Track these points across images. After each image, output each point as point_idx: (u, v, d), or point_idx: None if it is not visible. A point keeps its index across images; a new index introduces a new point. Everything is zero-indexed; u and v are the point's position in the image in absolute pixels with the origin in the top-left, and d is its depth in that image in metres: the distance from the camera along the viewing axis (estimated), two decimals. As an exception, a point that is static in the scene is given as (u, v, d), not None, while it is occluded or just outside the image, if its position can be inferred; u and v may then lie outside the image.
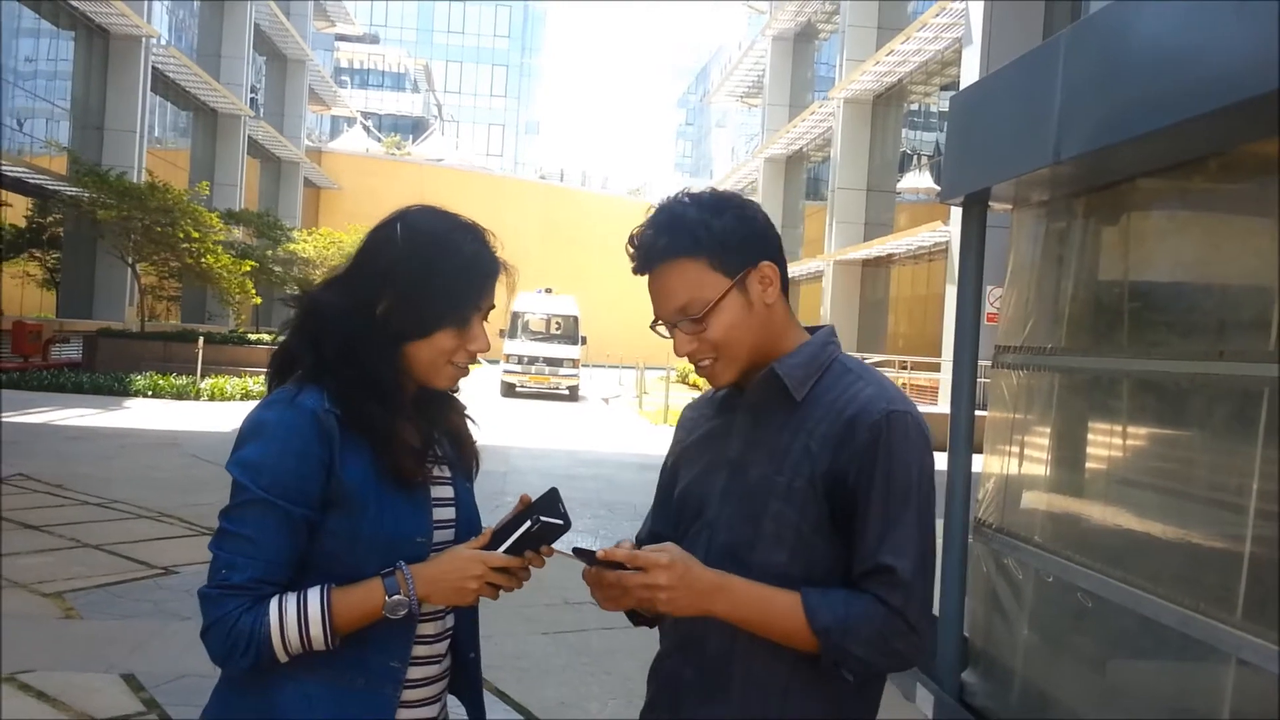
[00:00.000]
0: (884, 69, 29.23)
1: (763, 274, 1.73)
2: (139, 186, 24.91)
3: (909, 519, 1.65)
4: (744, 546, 1.68)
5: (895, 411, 1.67)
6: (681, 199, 1.76)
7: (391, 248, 1.74)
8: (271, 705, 1.67)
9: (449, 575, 1.66)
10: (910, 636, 1.62)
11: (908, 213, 29.74)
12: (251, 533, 1.63)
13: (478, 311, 1.76)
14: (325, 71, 54.47)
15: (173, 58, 32.96)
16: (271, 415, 1.68)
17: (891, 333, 30.68)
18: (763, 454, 1.71)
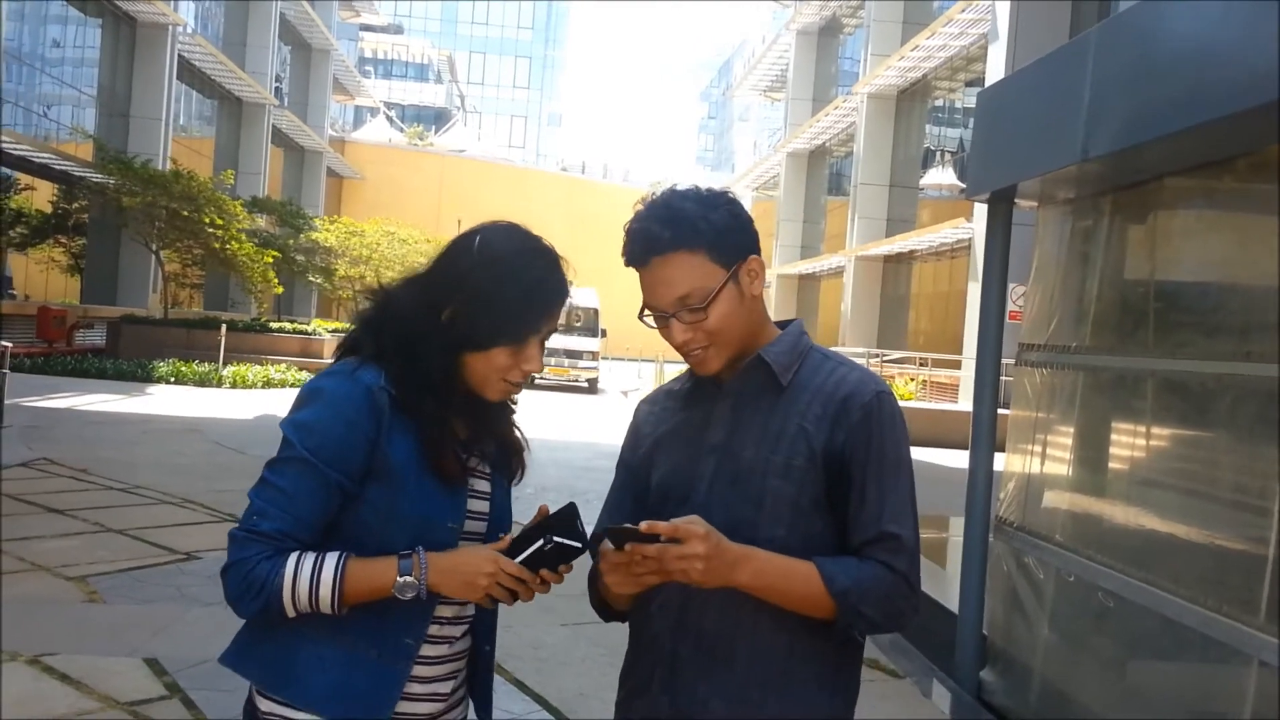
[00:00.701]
0: (909, 64, 29.08)
1: (751, 267, 1.83)
2: (164, 174, 25.09)
3: (903, 489, 1.79)
4: (746, 524, 1.75)
5: (883, 393, 1.81)
6: (676, 193, 1.83)
7: (466, 258, 1.81)
8: (285, 661, 1.75)
9: (461, 569, 1.71)
10: (912, 598, 1.77)
11: (930, 209, 29.60)
12: (288, 487, 1.71)
13: (536, 334, 1.82)
14: (349, 61, 54.62)
15: (199, 46, 33.12)
16: (329, 384, 1.77)
17: (912, 329, 30.55)
18: (751, 437, 1.81)
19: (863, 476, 1.77)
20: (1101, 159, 3.86)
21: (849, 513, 1.78)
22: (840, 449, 1.77)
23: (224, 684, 1.87)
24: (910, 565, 1.77)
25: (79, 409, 15.31)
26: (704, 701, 1.78)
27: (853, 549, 1.77)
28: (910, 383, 22.99)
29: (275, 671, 1.76)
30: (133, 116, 30.44)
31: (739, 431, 1.82)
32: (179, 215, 24.32)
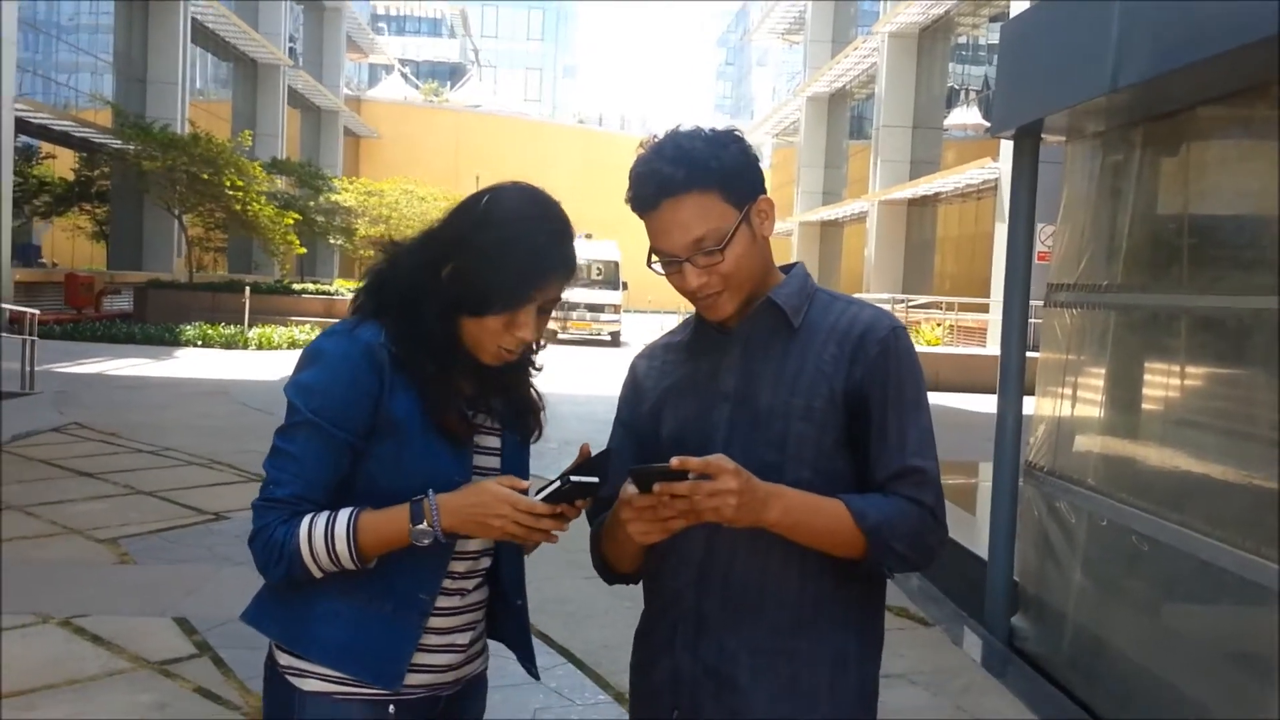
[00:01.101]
0: (930, 1, 28.56)
1: (761, 207, 1.79)
2: (182, 137, 25.09)
3: (923, 423, 1.77)
4: (771, 469, 1.70)
5: (898, 328, 1.79)
6: (683, 133, 1.77)
7: (469, 218, 1.79)
8: (301, 618, 1.77)
9: (474, 508, 1.69)
10: (939, 531, 1.75)
11: (955, 150, 29.24)
12: (297, 451, 1.73)
13: (531, 302, 1.77)
14: (362, 19, 54.27)
15: (211, 8, 32.92)
16: (329, 344, 1.77)
17: (938, 273, 30.31)
18: (766, 382, 1.77)
19: (883, 412, 1.75)
20: (1131, 89, 3.75)
21: (870, 450, 1.76)
22: (859, 386, 1.75)
23: (253, 642, 1.86)
24: (936, 499, 1.75)
25: (108, 374, 15.43)
26: (732, 655, 1.75)
27: (877, 485, 1.75)
28: (937, 328, 22.83)
29: (292, 627, 1.78)
30: (149, 82, 30.40)
31: (753, 377, 1.78)
32: (199, 179, 24.36)
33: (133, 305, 25.35)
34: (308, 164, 37.00)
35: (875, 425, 1.75)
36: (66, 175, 27.72)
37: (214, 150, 24.58)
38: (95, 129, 26.56)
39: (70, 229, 28.81)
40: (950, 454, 9.13)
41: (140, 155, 24.39)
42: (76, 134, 26.93)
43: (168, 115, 28.86)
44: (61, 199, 27.15)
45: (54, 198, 27.00)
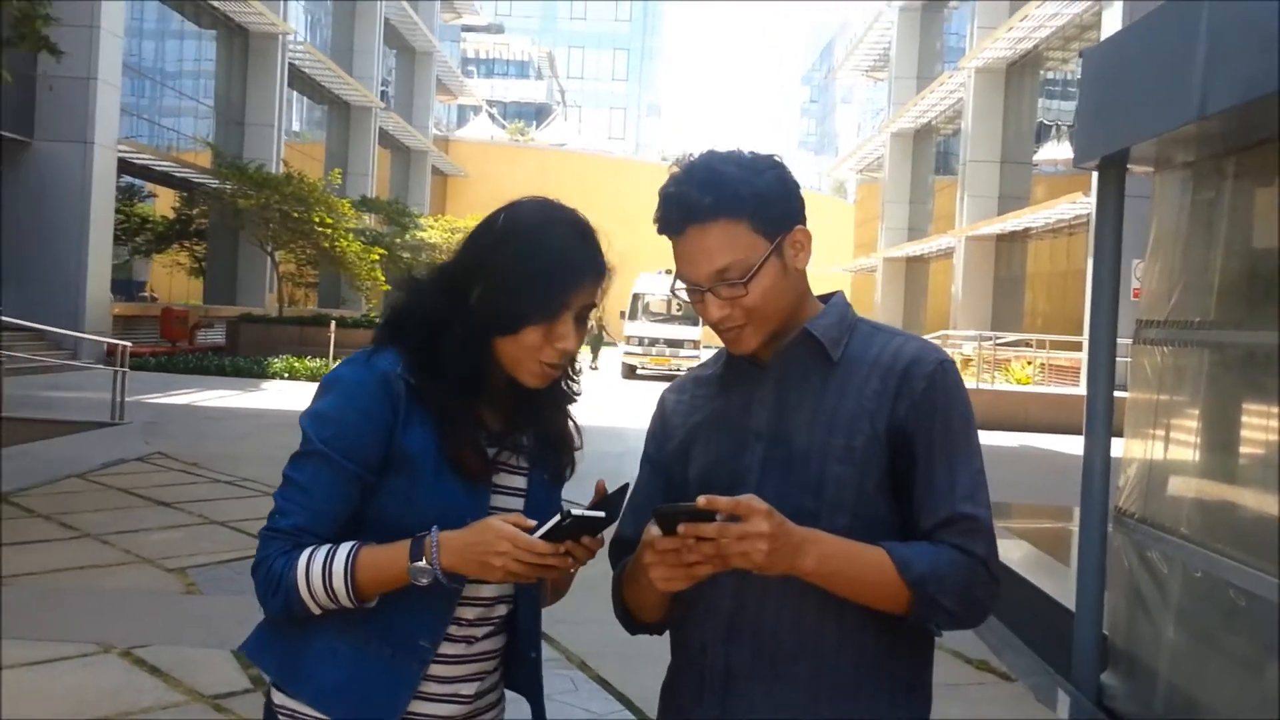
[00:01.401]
0: (1018, 35, 28.24)
1: (796, 238, 1.67)
2: (276, 176, 25.81)
3: (975, 465, 1.64)
4: (805, 515, 1.58)
5: (946, 361, 1.67)
6: (717, 155, 1.67)
7: (488, 236, 1.73)
8: (297, 653, 1.70)
9: (474, 546, 1.58)
10: (991, 585, 1.61)
11: (1045, 185, 28.72)
12: (305, 481, 1.67)
13: (567, 310, 1.69)
14: (452, 62, 55.46)
15: (308, 54, 33.99)
16: (345, 372, 1.72)
17: (1029, 311, 29.68)
18: (802, 420, 1.65)
19: (930, 453, 1.62)
20: (1221, 115, 3.55)
21: (916, 494, 1.62)
22: (904, 424, 1.62)
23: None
24: (989, 549, 1.61)
25: (196, 405, 15.77)
26: (763, 715, 1.62)
27: (923, 533, 1.61)
28: (1027, 366, 22.29)
29: (288, 664, 1.72)
30: (247, 124, 31.38)
31: (788, 414, 1.66)
32: (290, 216, 24.98)
33: (225, 339, 25.98)
34: (395, 202, 37.78)
35: (921, 467, 1.62)
36: (168, 214, 28.69)
37: (305, 189, 25.22)
38: (194, 169, 27.47)
39: (170, 265, 29.79)
40: (1040, 497, 8.84)
41: (236, 194, 25.12)
42: (177, 174, 27.90)
43: (264, 156, 29.74)
44: (162, 236, 28.14)
45: (155, 235, 27.97)
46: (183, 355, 22.67)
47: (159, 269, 29.97)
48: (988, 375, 19.99)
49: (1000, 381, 20.64)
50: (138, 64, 26.47)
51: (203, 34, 30.05)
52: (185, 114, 30.00)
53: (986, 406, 17.96)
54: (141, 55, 27.01)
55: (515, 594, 1.79)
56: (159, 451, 10.67)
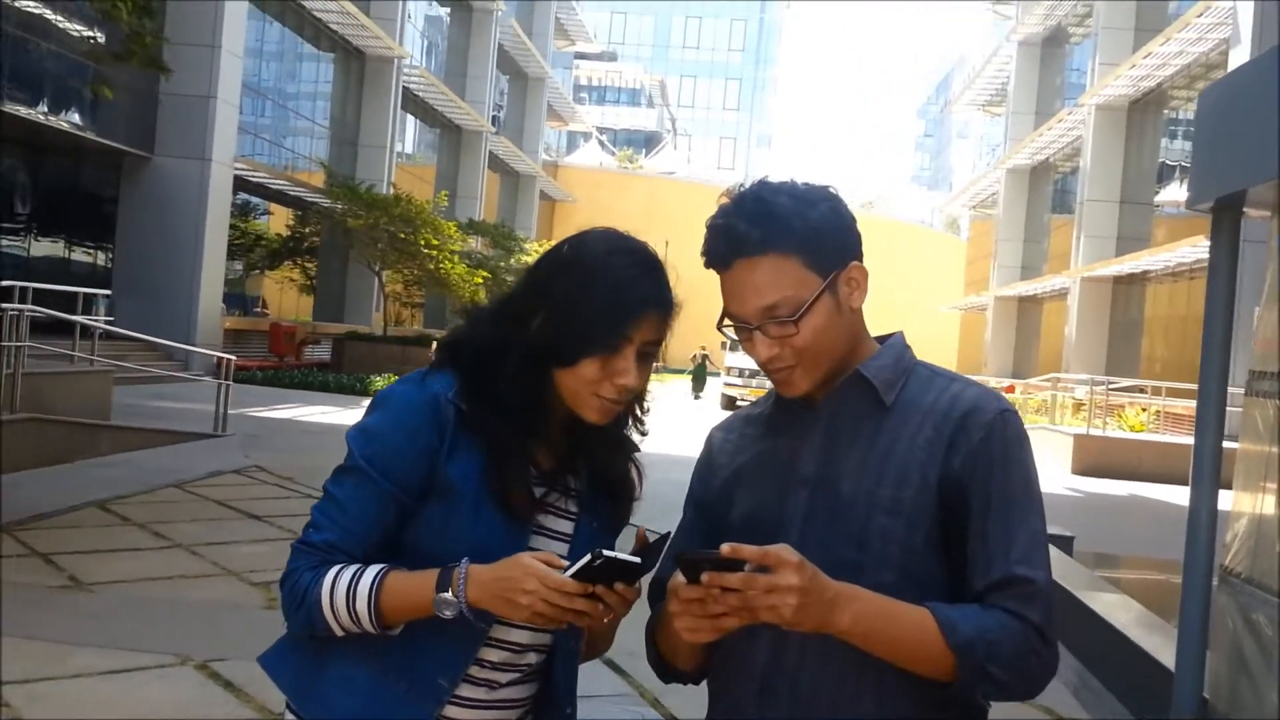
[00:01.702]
0: (1141, 73, 27.49)
1: (852, 275, 1.59)
2: (385, 197, 26.40)
3: (1034, 524, 1.53)
4: (848, 568, 1.48)
5: (1008, 411, 1.56)
6: (768, 186, 1.59)
7: (550, 266, 1.68)
8: (313, 674, 1.65)
9: (502, 581, 1.51)
10: (1046, 655, 1.49)
11: (1166, 227, 27.82)
12: (342, 497, 1.63)
13: (627, 343, 1.61)
14: (564, 89, 56.29)
15: (422, 78, 34.80)
16: (397, 390, 1.68)
17: (1146, 355, 28.72)
18: (851, 467, 1.56)
19: (985, 509, 1.51)
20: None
21: (969, 552, 1.52)
22: (958, 477, 1.52)
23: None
24: (1045, 615, 1.49)
25: (297, 419, 16.11)
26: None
27: (974, 595, 1.50)
28: (1142, 413, 21.51)
29: (302, 683, 1.67)
30: (361, 145, 32.22)
31: (836, 460, 1.57)
32: (397, 237, 25.50)
33: (331, 355, 26.59)
34: (501, 225, 38.36)
35: (975, 524, 1.51)
36: (282, 231, 29.58)
37: (412, 210, 25.73)
38: (308, 188, 28.27)
39: (282, 281, 30.67)
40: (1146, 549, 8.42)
41: (346, 214, 25.75)
42: (291, 192, 28.75)
43: (375, 177, 30.48)
44: (275, 253, 28.99)
45: (269, 252, 28.85)
46: (289, 370, 23.25)
47: (271, 285, 30.87)
48: (1099, 421, 19.36)
49: (1113, 428, 19.98)
50: (257, 84, 27.36)
51: (321, 56, 31.00)
52: (301, 134, 30.94)
53: (1097, 453, 17.43)
54: (261, 76, 27.93)
55: (552, 644, 1.70)
56: (256, 465, 10.89)
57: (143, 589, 6.05)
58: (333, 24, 29.57)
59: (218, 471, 10.19)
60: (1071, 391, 23.53)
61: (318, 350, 27.88)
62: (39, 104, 18.92)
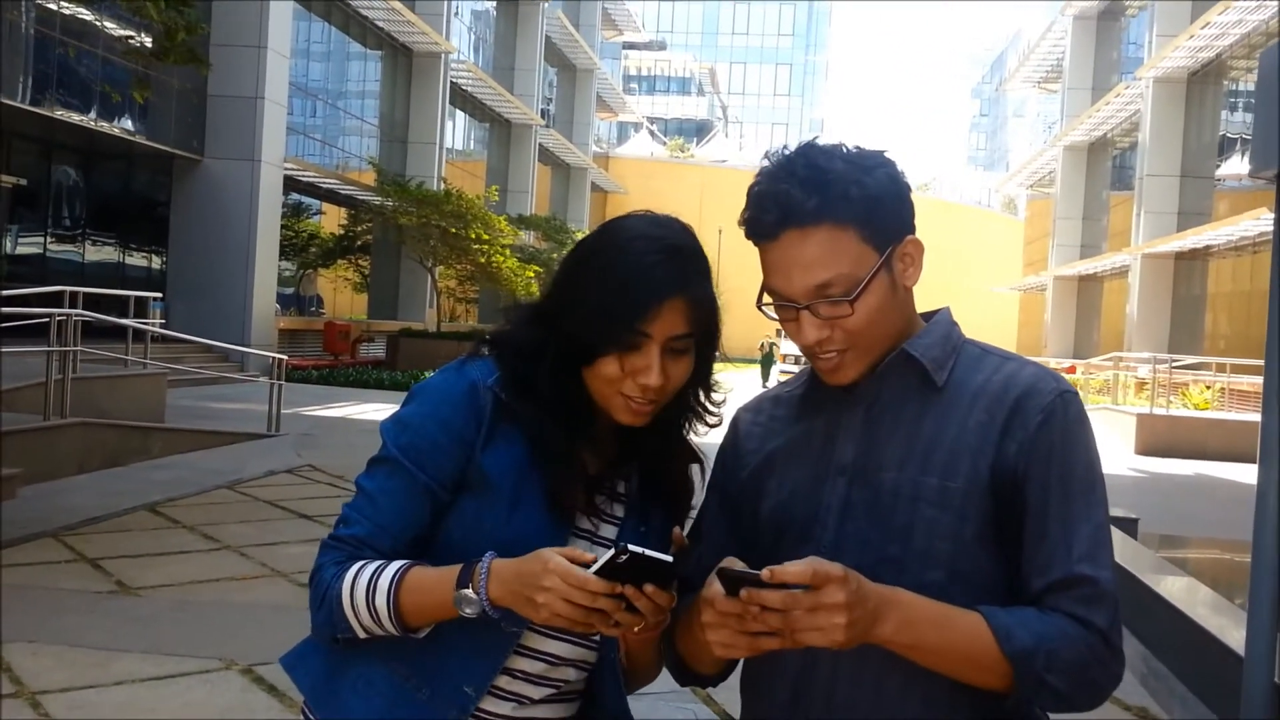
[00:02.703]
0: (1200, 44, 26.79)
1: (907, 250, 1.45)
2: (436, 193, 26.51)
3: (1098, 518, 1.38)
4: (889, 566, 1.37)
5: (1068, 393, 1.41)
6: (819, 149, 1.43)
7: (576, 256, 1.58)
8: (334, 675, 1.56)
9: (523, 577, 1.37)
10: (1113, 664, 1.36)
11: (1228, 200, 27.14)
12: (374, 489, 1.53)
13: (646, 339, 1.47)
14: (613, 80, 56.21)
15: (469, 72, 34.92)
16: (434, 380, 1.59)
17: (1209, 333, 28.05)
18: (894, 454, 1.42)
19: (1044, 501, 1.37)
20: None
21: (1026, 550, 1.38)
22: (1013, 466, 1.38)
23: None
24: (1110, 619, 1.35)
25: (351, 418, 16.19)
26: None
27: (1032, 596, 1.37)
28: (1206, 391, 21.00)
29: (321, 685, 1.58)
30: (410, 142, 32.42)
31: (877, 446, 1.43)
32: (448, 233, 25.58)
33: (385, 353, 26.76)
34: (553, 218, 38.38)
35: (1033, 518, 1.37)
36: (335, 230, 29.85)
37: (463, 205, 25.79)
38: (358, 187, 28.47)
39: (335, 279, 30.94)
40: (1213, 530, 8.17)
41: (397, 211, 25.87)
42: (342, 191, 29.00)
43: (425, 173, 30.66)
44: (328, 252, 29.25)
45: (322, 251, 29.11)
46: (343, 369, 23.43)
47: (325, 284, 31.17)
48: (1163, 400, 18.92)
49: (1177, 406, 19.52)
50: (305, 84, 27.62)
51: (368, 54, 31.22)
52: (351, 132, 31.20)
53: (1161, 432, 17.08)
54: (309, 75, 28.18)
55: (598, 661, 1.58)
56: (309, 464, 10.93)
57: (190, 592, 6.05)
58: (379, 21, 29.73)
59: (270, 472, 10.23)
60: (1134, 370, 23.07)
61: (372, 348, 28.11)
62: (90, 110, 19.22)
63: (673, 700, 4.58)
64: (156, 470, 9.88)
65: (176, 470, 9.84)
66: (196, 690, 4.57)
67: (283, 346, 21.14)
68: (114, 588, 5.97)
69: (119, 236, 22.55)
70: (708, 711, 4.58)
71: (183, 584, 6.17)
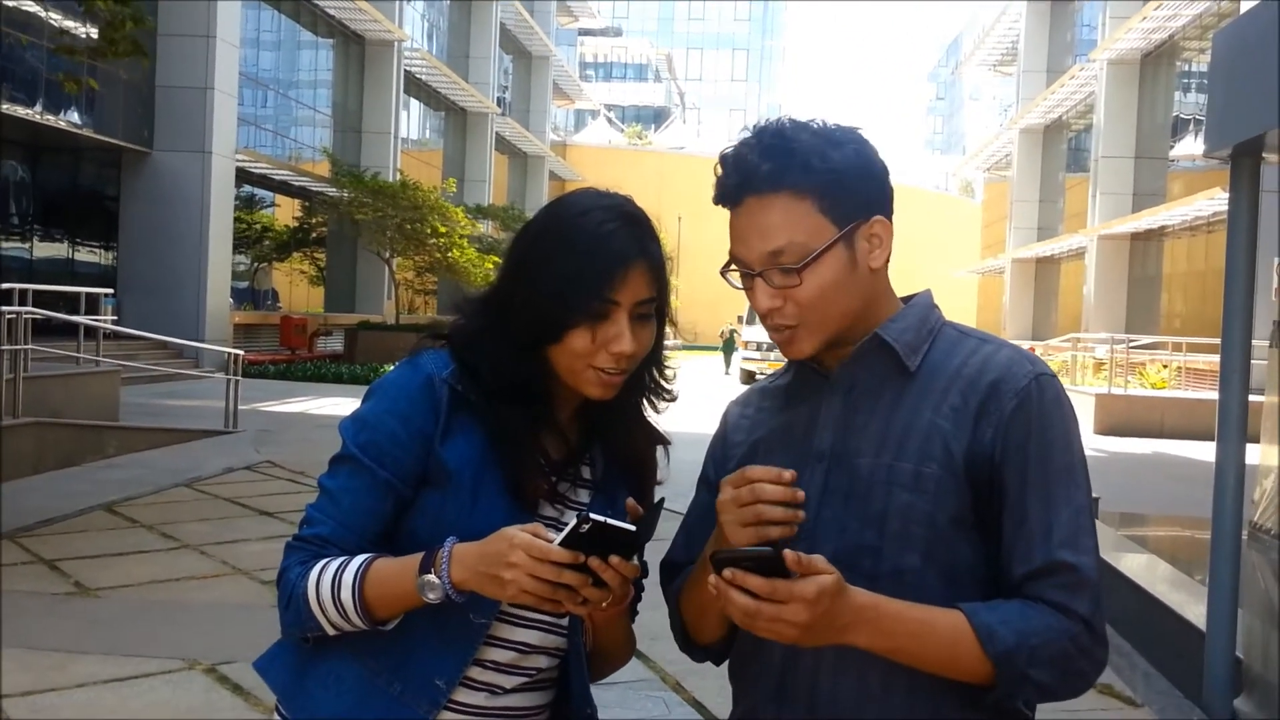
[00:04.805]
0: (1152, 25, 27.18)
1: (873, 230, 1.44)
2: (391, 185, 26.32)
3: (1078, 502, 1.37)
4: (866, 553, 1.38)
5: (1044, 374, 1.40)
6: (790, 121, 1.43)
7: (524, 239, 1.57)
8: (302, 673, 1.56)
9: (487, 558, 1.37)
10: (1097, 651, 1.35)
11: (1182, 181, 27.58)
12: (336, 489, 1.53)
13: (615, 306, 1.48)
14: (569, 67, 56.12)
15: (423, 60, 34.68)
16: (392, 375, 1.59)
17: (1166, 312, 28.56)
18: (870, 439, 1.42)
19: (1021, 487, 1.36)
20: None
21: (1005, 536, 1.37)
22: (988, 451, 1.37)
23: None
24: (1092, 606, 1.34)
25: (310, 413, 16.07)
26: None
27: (1012, 584, 1.36)
28: (1163, 370, 21.37)
29: (292, 683, 1.57)
30: (364, 132, 32.18)
31: (854, 432, 1.43)
32: (406, 225, 25.44)
33: (344, 346, 26.59)
34: (510, 208, 38.31)
35: (1011, 504, 1.36)
36: (289, 223, 29.58)
37: (419, 197, 25.63)
38: (312, 178, 28.22)
39: (291, 272, 30.67)
40: (1172, 508, 8.32)
41: (352, 204, 25.67)
42: (295, 183, 28.76)
43: (381, 164, 30.47)
44: (283, 245, 28.99)
45: (276, 243, 28.83)
46: (301, 363, 23.26)
47: (280, 277, 30.92)
48: (1120, 379, 19.22)
49: (1134, 386, 19.84)
50: (255, 73, 27.33)
51: (320, 43, 30.97)
52: (303, 123, 30.94)
53: (1119, 412, 17.35)
54: (260, 65, 27.88)
55: (568, 648, 1.58)
56: (268, 460, 10.82)
57: (150, 592, 5.96)
58: (330, 9, 29.46)
59: (229, 469, 10.11)
60: (1092, 351, 23.38)
61: (330, 342, 27.94)
62: (35, 103, 18.88)
63: (643, 690, 4.58)
64: (112, 469, 9.74)
65: (133, 469, 9.70)
66: (160, 691, 4.52)
67: (238, 342, 20.94)
68: (72, 589, 5.88)
69: (68, 232, 22.23)
70: (678, 699, 4.58)
71: (142, 584, 6.08)
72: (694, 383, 27.03)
